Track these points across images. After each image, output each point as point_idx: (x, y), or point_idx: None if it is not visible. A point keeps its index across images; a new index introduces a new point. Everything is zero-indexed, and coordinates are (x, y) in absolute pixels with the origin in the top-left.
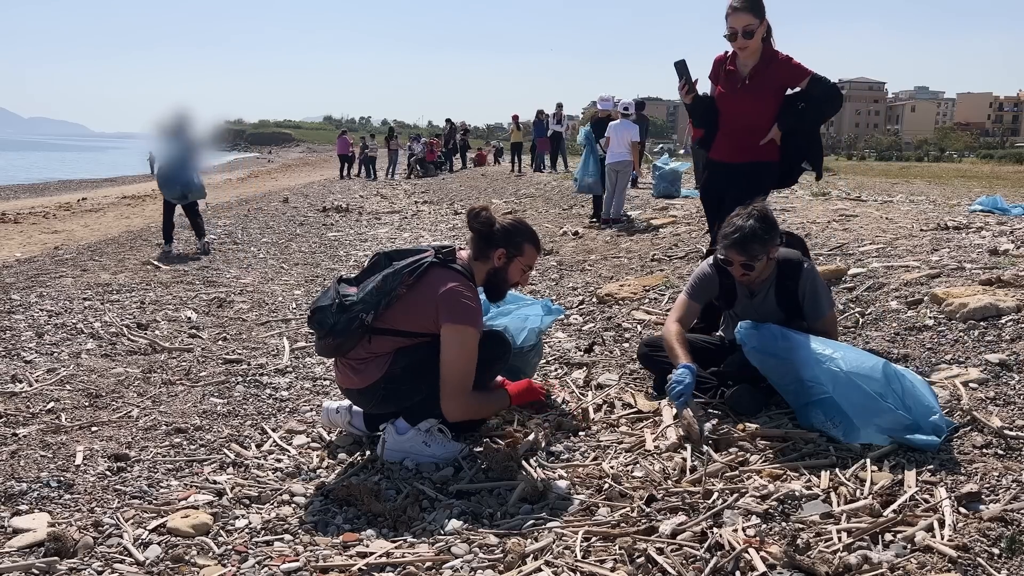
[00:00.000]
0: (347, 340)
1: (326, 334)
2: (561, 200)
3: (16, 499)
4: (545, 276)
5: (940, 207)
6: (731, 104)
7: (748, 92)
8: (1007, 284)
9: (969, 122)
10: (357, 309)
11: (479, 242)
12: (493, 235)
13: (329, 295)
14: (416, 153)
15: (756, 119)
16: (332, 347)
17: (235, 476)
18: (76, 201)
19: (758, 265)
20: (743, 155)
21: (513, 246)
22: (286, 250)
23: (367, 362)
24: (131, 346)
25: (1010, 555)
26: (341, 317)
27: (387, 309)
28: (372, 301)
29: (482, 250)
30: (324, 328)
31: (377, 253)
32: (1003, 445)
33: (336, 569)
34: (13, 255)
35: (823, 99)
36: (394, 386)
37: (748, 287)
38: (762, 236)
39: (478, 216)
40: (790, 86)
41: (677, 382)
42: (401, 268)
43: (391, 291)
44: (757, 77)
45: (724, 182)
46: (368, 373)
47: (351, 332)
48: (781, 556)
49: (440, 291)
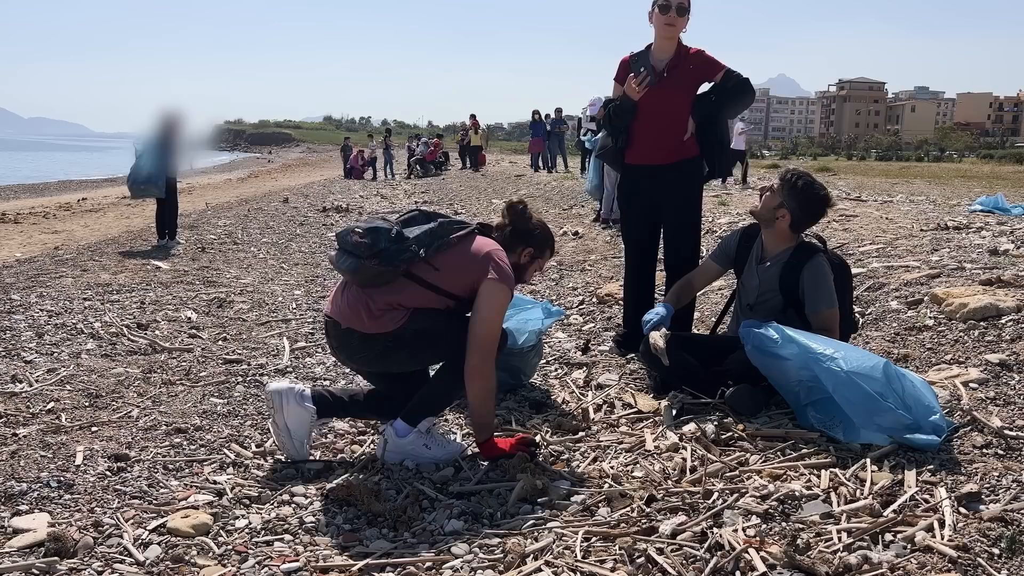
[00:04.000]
0: (389, 271)
1: (373, 255)
2: (561, 200)
3: (16, 499)
4: (545, 276)
5: (940, 207)
6: (650, 102)
7: (666, 88)
8: (1007, 284)
9: (969, 122)
10: (411, 243)
11: (513, 236)
12: (530, 233)
13: (387, 221)
14: (416, 153)
15: (677, 115)
16: (370, 273)
17: (235, 476)
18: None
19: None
20: (668, 155)
21: (540, 249)
22: (286, 250)
23: (385, 310)
24: (131, 346)
25: (1010, 555)
26: (394, 245)
27: (437, 253)
28: (426, 240)
29: (513, 244)
30: (374, 249)
31: (415, 207)
32: (1003, 445)
33: (336, 569)
34: (13, 255)
35: (736, 91)
36: (396, 346)
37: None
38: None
39: (522, 213)
40: (706, 79)
41: (653, 313)
42: (450, 221)
43: (443, 236)
44: (674, 71)
45: (651, 186)
46: (382, 321)
47: (398, 263)
48: (781, 556)
49: (488, 251)
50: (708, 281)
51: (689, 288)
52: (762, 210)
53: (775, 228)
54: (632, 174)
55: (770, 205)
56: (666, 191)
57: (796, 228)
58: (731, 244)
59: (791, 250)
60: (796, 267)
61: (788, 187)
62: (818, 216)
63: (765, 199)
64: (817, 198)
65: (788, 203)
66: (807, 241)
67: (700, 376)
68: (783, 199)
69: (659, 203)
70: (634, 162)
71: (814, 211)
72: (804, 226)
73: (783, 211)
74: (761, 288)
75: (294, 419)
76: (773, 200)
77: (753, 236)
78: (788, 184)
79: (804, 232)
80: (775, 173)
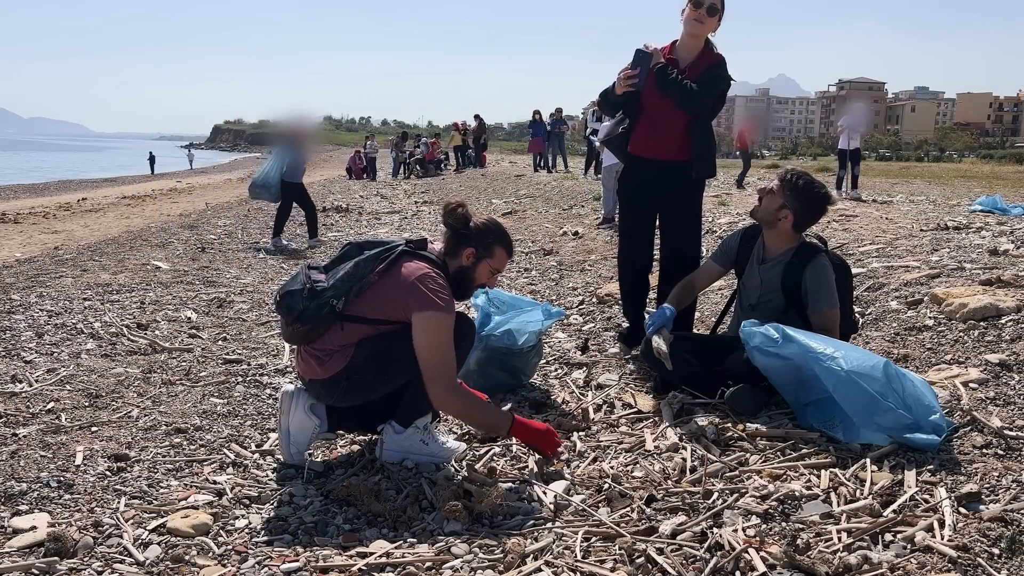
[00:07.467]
0: (316, 327)
1: (294, 320)
2: (561, 200)
3: (16, 499)
4: (545, 276)
5: (940, 207)
6: (658, 100)
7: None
8: (1007, 284)
9: (969, 122)
10: (328, 295)
11: (451, 238)
12: (466, 233)
13: (299, 280)
14: (416, 153)
15: (683, 115)
16: (300, 333)
17: (235, 476)
18: (76, 201)
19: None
20: (670, 153)
21: (484, 247)
22: (286, 250)
23: (332, 352)
24: (131, 346)
25: (1010, 555)
26: (311, 303)
27: (358, 296)
28: (343, 287)
29: (453, 247)
30: (293, 314)
31: (348, 242)
32: (1003, 445)
33: (336, 569)
34: (13, 255)
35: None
36: (358, 377)
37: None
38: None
39: (454, 212)
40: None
41: (656, 316)
42: (372, 255)
43: (362, 278)
44: (691, 72)
45: (651, 180)
46: (332, 364)
47: (321, 318)
48: (781, 556)
49: (410, 279)
50: (709, 282)
51: (690, 289)
52: (763, 212)
53: (777, 229)
54: (634, 165)
55: (772, 207)
56: (666, 190)
57: (798, 228)
58: (732, 245)
59: (793, 250)
60: (798, 267)
61: (789, 188)
62: (819, 215)
63: (766, 201)
64: (818, 197)
65: (790, 204)
66: (809, 241)
67: (700, 376)
68: (785, 200)
69: (658, 198)
70: (637, 153)
71: (816, 210)
72: (806, 226)
73: (785, 211)
74: (763, 288)
75: (296, 425)
76: (774, 201)
77: (754, 237)
78: (789, 185)
79: (805, 232)
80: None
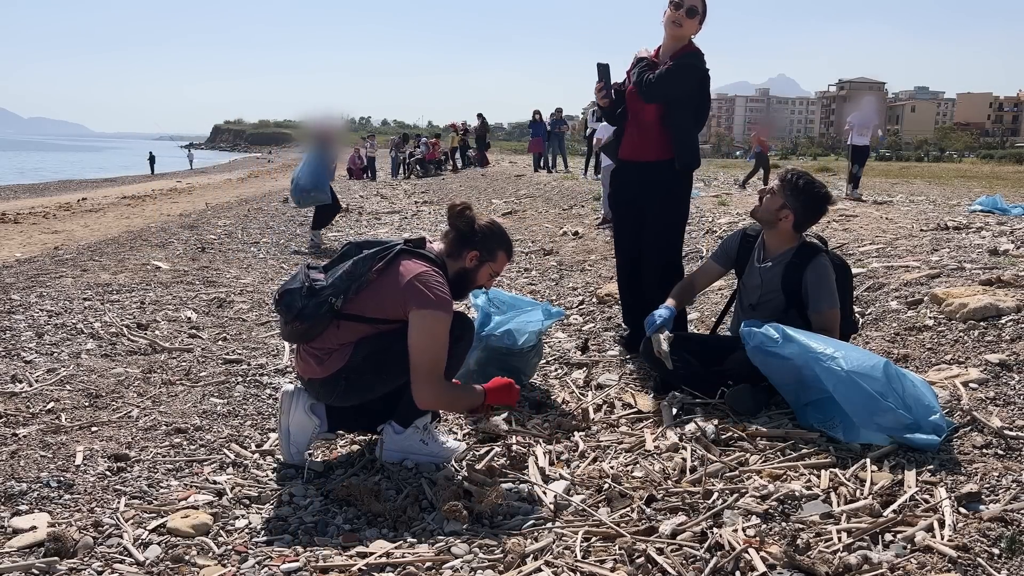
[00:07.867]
0: (315, 325)
1: (293, 318)
2: (561, 200)
3: (16, 499)
4: (545, 276)
5: (940, 207)
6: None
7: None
8: (1007, 284)
9: (969, 122)
10: (327, 293)
11: (456, 240)
12: (472, 236)
13: (299, 279)
14: (416, 153)
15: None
16: (299, 332)
17: (235, 476)
18: (76, 201)
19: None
20: (651, 153)
21: (488, 251)
22: (286, 250)
23: (331, 351)
24: (131, 346)
25: (1010, 555)
26: (310, 301)
27: (356, 295)
28: (342, 286)
29: (456, 248)
30: (292, 312)
31: (348, 242)
32: (1003, 445)
33: (336, 569)
34: (13, 255)
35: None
36: (356, 376)
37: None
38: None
39: (462, 214)
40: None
41: (656, 316)
42: (371, 254)
43: (361, 276)
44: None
45: (637, 183)
46: (331, 363)
47: (319, 317)
48: (781, 556)
49: (409, 277)
50: (709, 282)
51: (690, 289)
52: (764, 212)
53: (778, 229)
54: (622, 170)
55: (772, 207)
56: (649, 190)
57: (799, 228)
58: (732, 244)
59: (793, 250)
60: (799, 267)
61: (790, 188)
62: (820, 214)
63: (766, 201)
64: (819, 196)
65: (791, 203)
66: (809, 241)
67: (700, 376)
68: (785, 200)
69: (643, 203)
70: (624, 157)
71: (816, 210)
72: (806, 225)
73: (786, 211)
74: (763, 288)
75: (296, 425)
76: (775, 202)
77: (754, 237)
78: (789, 185)
79: (806, 232)
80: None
